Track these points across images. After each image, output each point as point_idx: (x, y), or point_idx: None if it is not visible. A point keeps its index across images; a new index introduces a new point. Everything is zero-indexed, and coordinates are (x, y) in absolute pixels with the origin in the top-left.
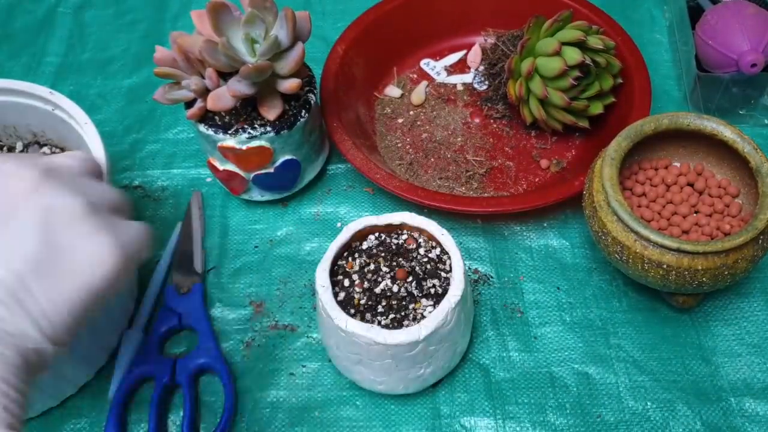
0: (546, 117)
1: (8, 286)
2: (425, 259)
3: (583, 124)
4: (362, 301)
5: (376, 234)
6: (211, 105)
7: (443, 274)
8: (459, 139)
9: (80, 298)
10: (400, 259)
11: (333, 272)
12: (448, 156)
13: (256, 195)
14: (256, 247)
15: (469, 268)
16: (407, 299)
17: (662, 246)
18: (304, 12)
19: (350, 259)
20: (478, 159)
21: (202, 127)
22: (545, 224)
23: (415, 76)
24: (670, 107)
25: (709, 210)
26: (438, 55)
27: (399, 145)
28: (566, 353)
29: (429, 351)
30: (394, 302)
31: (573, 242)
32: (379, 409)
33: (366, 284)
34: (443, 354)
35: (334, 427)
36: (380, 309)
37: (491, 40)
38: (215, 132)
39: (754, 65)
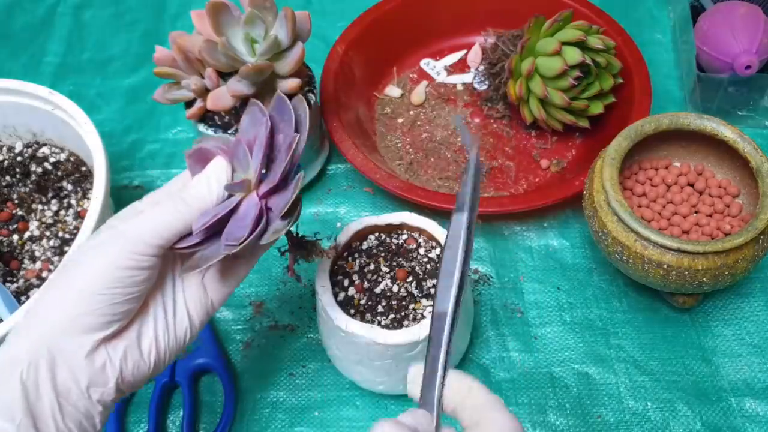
0: (546, 117)
1: None
2: (425, 259)
3: (583, 124)
4: (362, 302)
5: (376, 234)
6: (211, 105)
7: None
8: (459, 139)
9: None
10: (400, 259)
11: (333, 272)
12: (448, 156)
13: None
14: None
15: (469, 268)
16: (407, 299)
17: (662, 246)
18: (304, 12)
19: (350, 259)
20: None
21: (201, 127)
22: (545, 224)
23: (415, 76)
24: (671, 107)
25: (709, 210)
26: (438, 55)
27: (399, 145)
28: (566, 353)
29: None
30: (394, 302)
31: (573, 242)
32: (379, 409)
33: (366, 284)
34: None
35: (334, 427)
36: (380, 309)
37: (491, 40)
38: (215, 132)
39: (748, 67)
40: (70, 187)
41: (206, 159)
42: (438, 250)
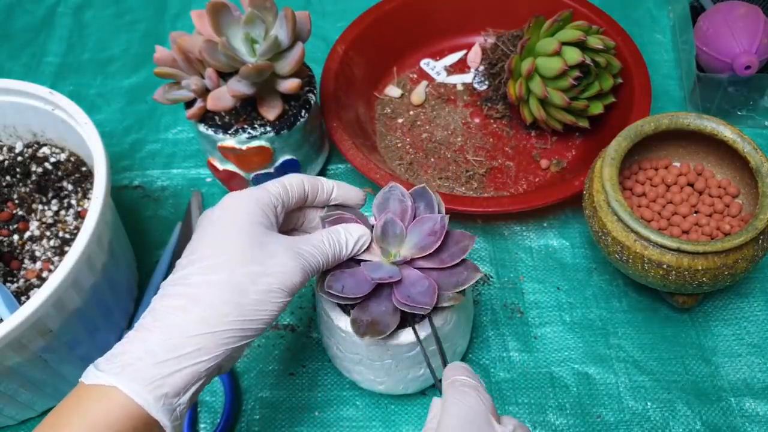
0: (546, 117)
1: None
2: None
3: (583, 124)
4: None
5: None
6: (211, 105)
7: None
8: (459, 139)
9: None
10: None
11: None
12: (448, 156)
13: None
14: None
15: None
16: None
17: (662, 246)
18: (304, 12)
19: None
20: (478, 159)
21: (202, 127)
22: (545, 224)
23: (415, 76)
24: (670, 107)
25: (709, 210)
26: (438, 55)
27: (399, 145)
28: (566, 353)
29: (429, 351)
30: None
31: (573, 242)
32: (379, 409)
33: None
34: None
35: (334, 427)
36: None
37: (491, 40)
38: (215, 132)
39: (748, 67)
40: (70, 187)
41: (342, 223)
42: None
